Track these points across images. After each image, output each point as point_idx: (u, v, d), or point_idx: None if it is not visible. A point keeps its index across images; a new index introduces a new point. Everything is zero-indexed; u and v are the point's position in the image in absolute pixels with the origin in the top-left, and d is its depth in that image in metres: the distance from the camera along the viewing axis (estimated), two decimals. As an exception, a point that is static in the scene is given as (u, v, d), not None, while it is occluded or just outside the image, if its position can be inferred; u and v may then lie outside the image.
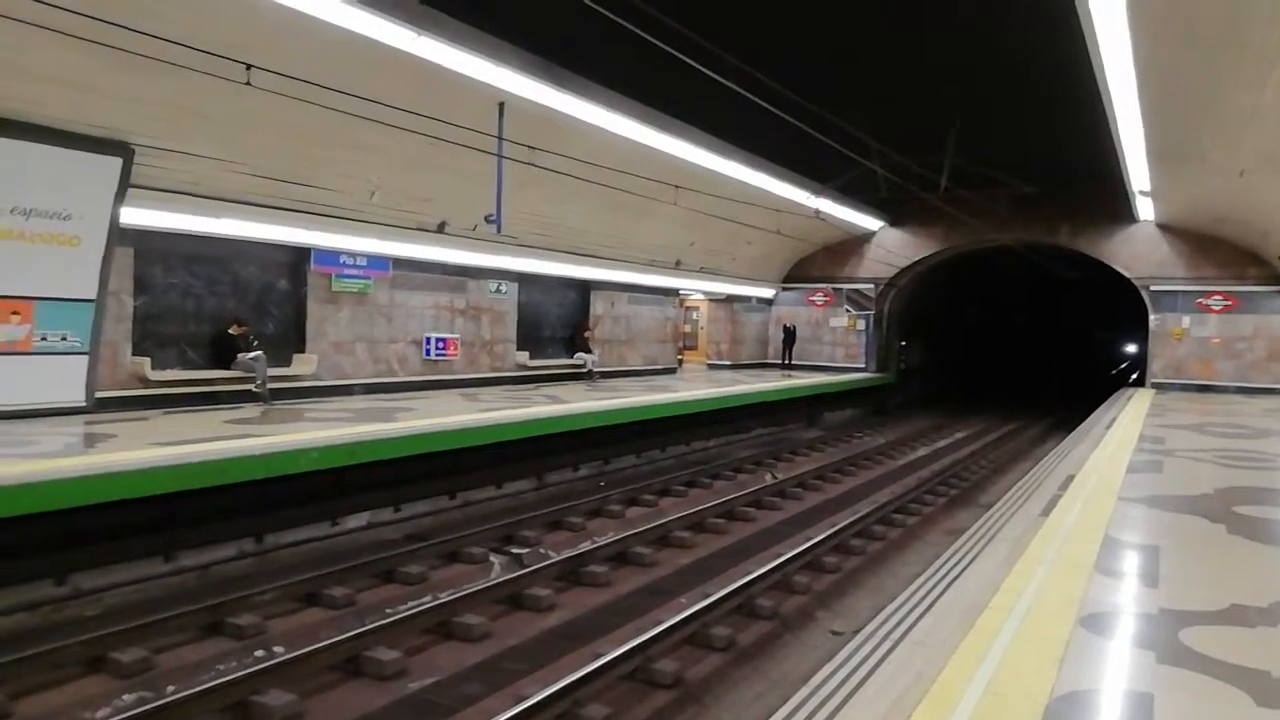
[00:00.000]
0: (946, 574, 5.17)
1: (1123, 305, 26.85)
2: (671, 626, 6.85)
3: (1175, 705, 3.56)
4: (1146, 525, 6.81)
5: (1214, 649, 4.14)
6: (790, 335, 26.24)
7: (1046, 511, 7.17)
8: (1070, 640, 4.16)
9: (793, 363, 26.18)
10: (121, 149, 9.97)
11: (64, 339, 9.95)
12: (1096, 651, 4.06)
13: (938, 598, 4.69)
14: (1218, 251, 21.35)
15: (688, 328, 27.51)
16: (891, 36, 13.67)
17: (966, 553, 5.72)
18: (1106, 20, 7.99)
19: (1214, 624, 4.53)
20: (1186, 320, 21.72)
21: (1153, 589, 5.13)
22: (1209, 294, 21.46)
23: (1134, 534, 6.43)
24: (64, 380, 10.03)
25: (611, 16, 7.79)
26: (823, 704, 3.31)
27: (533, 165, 11.48)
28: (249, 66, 7.75)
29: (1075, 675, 3.74)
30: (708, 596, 7.66)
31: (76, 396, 10.14)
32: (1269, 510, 7.49)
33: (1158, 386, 22.08)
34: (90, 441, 8.61)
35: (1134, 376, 32.03)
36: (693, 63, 9.37)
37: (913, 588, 4.89)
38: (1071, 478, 8.95)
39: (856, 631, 4.43)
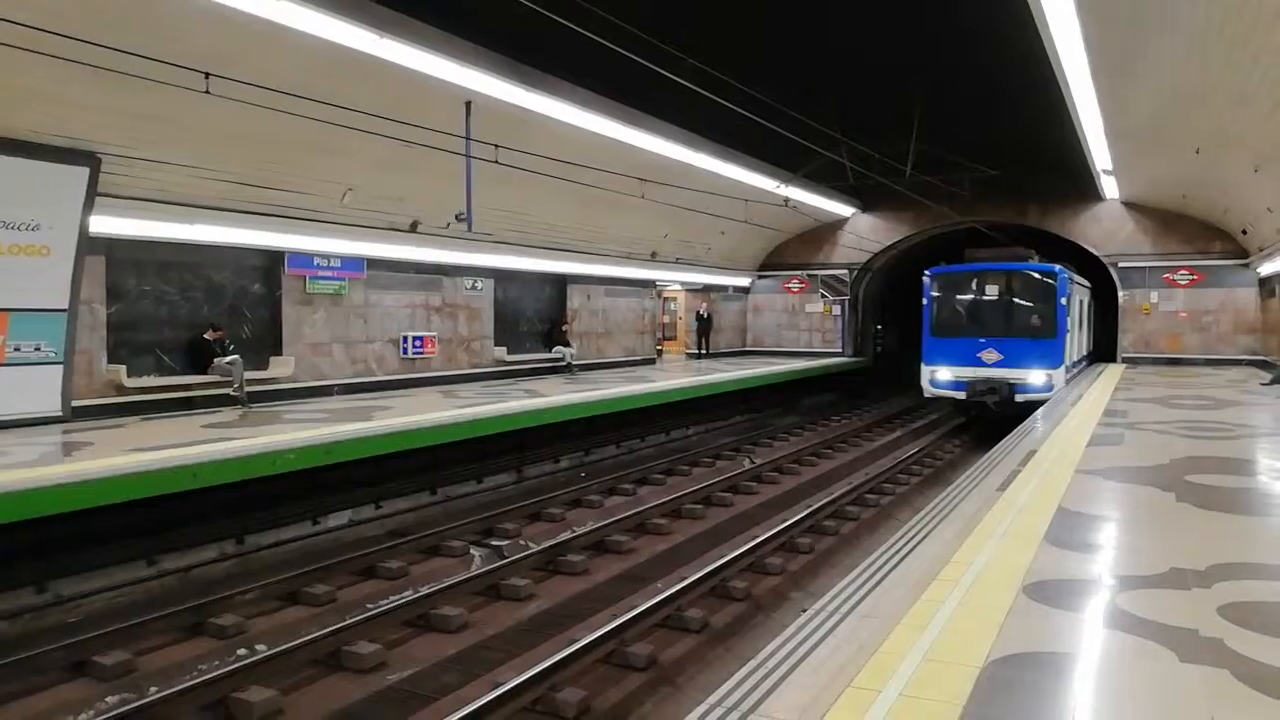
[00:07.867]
0: (898, 550, 5.36)
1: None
2: (645, 611, 7.04)
3: (1102, 664, 3.76)
4: (1099, 496, 7.03)
5: (1148, 611, 4.34)
6: (705, 323, 25.05)
7: (1004, 487, 7.39)
8: (1011, 608, 4.35)
9: (710, 352, 24.86)
10: (88, 158, 10.02)
11: (38, 349, 10.01)
12: (1035, 617, 4.25)
13: (888, 573, 4.88)
14: (1183, 227, 21.71)
15: (666, 318, 27.66)
16: (850, 27, 13.82)
17: (920, 530, 5.91)
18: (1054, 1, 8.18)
19: (1152, 588, 4.73)
20: (1154, 295, 22.09)
21: (1097, 557, 5.34)
22: (1175, 269, 21.83)
23: (1085, 505, 6.64)
24: (39, 390, 10.09)
25: (579, 30, 7.92)
26: (767, 677, 3.48)
27: (499, 163, 11.56)
28: (207, 75, 7.83)
29: (1012, 640, 3.92)
30: (683, 580, 7.85)
31: (53, 406, 10.21)
32: (1219, 478, 7.72)
33: (1128, 361, 22.45)
34: (67, 450, 8.68)
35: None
36: (657, 68, 9.52)
37: (864, 564, 5.07)
38: (1032, 453, 9.18)
39: (805, 609, 4.60)
